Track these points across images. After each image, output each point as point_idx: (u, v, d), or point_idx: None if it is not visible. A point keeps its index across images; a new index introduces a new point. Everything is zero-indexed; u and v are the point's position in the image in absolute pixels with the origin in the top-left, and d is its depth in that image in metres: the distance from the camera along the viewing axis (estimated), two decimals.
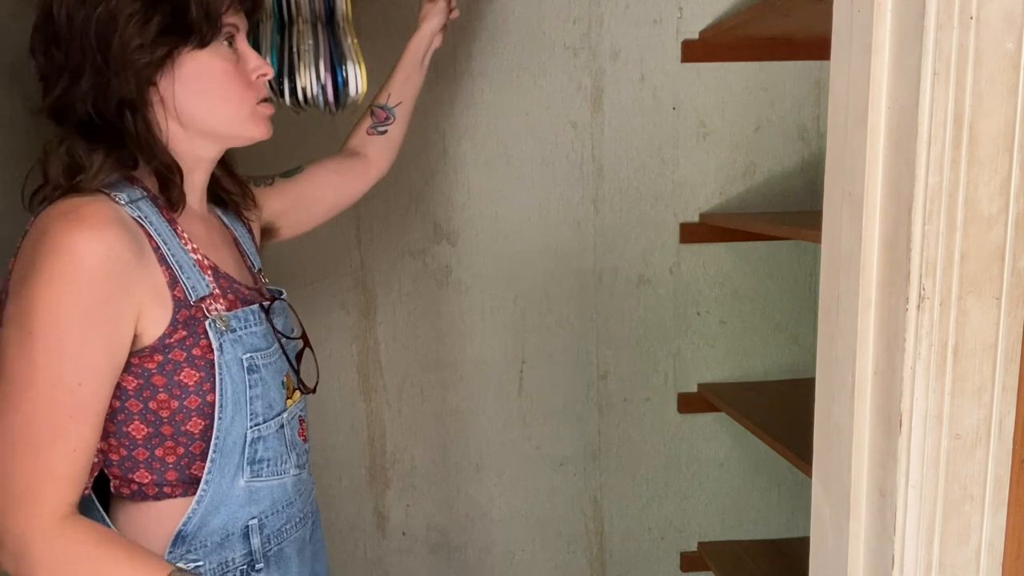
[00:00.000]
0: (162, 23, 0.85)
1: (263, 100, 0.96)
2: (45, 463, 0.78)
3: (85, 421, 0.81)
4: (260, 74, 0.95)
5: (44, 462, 0.78)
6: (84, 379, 0.80)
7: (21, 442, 0.78)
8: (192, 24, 0.87)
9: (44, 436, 0.78)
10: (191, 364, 0.87)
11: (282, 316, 1.02)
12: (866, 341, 0.70)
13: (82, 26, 0.84)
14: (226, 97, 0.92)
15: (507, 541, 1.89)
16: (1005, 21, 0.61)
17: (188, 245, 0.91)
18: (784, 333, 1.84)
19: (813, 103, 1.75)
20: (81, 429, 0.80)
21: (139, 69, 0.86)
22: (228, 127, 0.94)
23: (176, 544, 0.90)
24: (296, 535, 1.02)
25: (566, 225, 1.76)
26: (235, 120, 0.93)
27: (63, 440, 0.79)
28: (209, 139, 0.94)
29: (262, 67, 0.95)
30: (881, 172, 0.67)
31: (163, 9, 0.85)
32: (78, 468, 0.81)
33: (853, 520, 0.73)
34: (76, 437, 0.80)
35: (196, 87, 0.90)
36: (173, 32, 0.86)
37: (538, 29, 1.68)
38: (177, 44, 0.87)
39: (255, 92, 0.95)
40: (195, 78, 0.89)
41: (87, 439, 0.81)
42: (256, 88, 0.95)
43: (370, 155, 1.30)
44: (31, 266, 0.80)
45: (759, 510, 1.92)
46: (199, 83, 0.90)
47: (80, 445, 0.81)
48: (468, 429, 1.83)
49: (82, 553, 0.79)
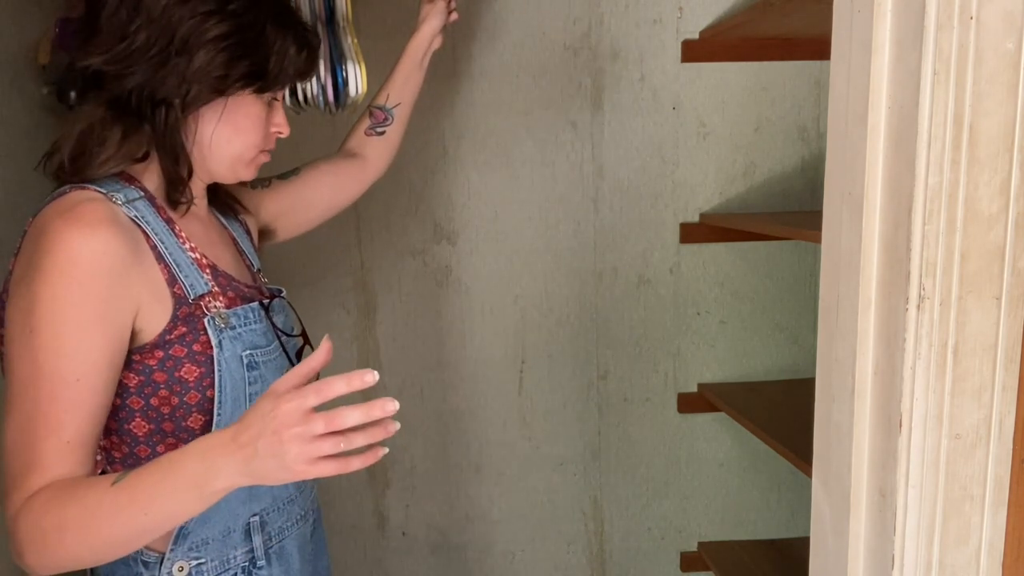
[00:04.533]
0: (245, 65, 0.88)
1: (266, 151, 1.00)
2: (38, 454, 0.79)
3: (82, 415, 0.81)
4: (277, 131, 0.99)
5: (37, 453, 0.79)
6: (82, 374, 0.80)
7: (20, 435, 0.79)
8: (268, 76, 0.91)
9: (41, 428, 0.79)
10: (192, 360, 0.88)
11: (282, 314, 1.03)
12: (866, 341, 0.70)
13: (174, 21, 0.85)
14: (243, 138, 0.94)
15: (507, 541, 1.89)
16: (1005, 21, 0.61)
17: (186, 244, 0.92)
18: (784, 333, 1.84)
19: (813, 103, 1.75)
20: (77, 423, 0.81)
21: (203, 90, 0.88)
22: (228, 162, 0.95)
23: (177, 541, 0.90)
24: (297, 532, 1.02)
25: (566, 225, 1.76)
26: (238, 160, 0.96)
27: (57, 432, 0.79)
28: (206, 165, 0.95)
29: (283, 126, 0.99)
30: (881, 172, 0.67)
31: (251, 54, 0.88)
32: (73, 461, 0.80)
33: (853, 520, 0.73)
34: (72, 430, 0.80)
35: (222, 118, 0.92)
36: (248, 76, 0.89)
37: (538, 29, 1.68)
38: (246, 87, 0.90)
39: (265, 142, 0.98)
40: (231, 111, 0.92)
41: (84, 433, 0.81)
42: (268, 140, 0.99)
43: (368, 156, 1.30)
44: (30, 266, 0.81)
45: (759, 510, 1.92)
46: (230, 117, 0.92)
47: (75, 438, 0.81)
48: (468, 429, 1.83)
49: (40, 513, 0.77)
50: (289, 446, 0.70)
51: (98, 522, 0.76)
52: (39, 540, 0.77)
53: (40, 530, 0.77)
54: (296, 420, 0.70)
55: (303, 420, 0.70)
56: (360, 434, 0.72)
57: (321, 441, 0.71)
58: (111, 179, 0.89)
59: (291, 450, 0.70)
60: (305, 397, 0.70)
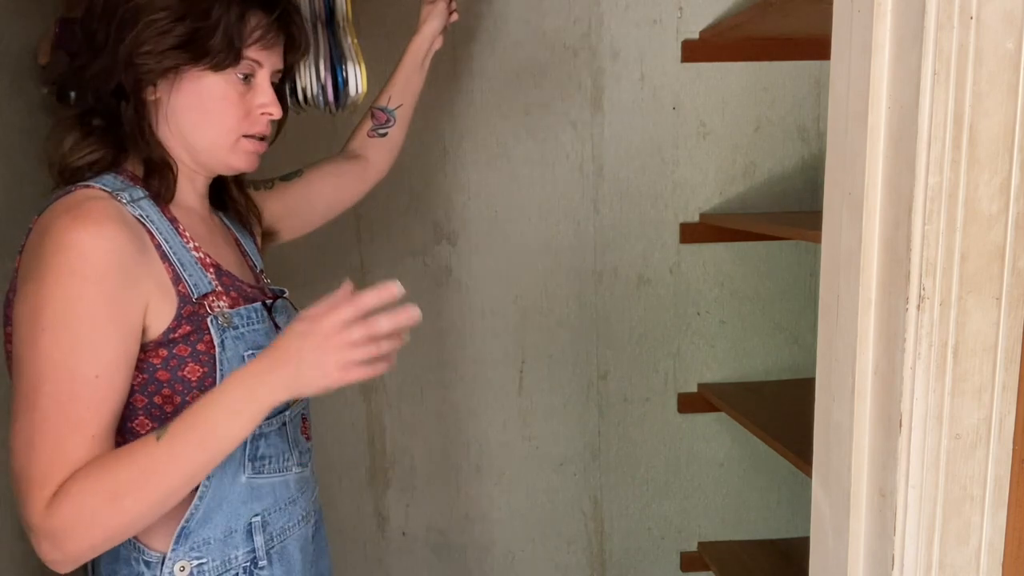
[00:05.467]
0: (180, 39, 0.87)
1: (258, 137, 0.96)
2: (63, 451, 0.79)
3: (103, 411, 0.82)
4: (263, 111, 0.95)
5: (62, 451, 0.79)
6: (100, 371, 0.81)
7: (39, 435, 0.79)
8: (210, 49, 0.89)
9: (64, 427, 0.79)
10: (195, 359, 0.88)
11: (284, 314, 1.03)
12: (866, 341, 0.70)
13: (112, 10, 0.87)
14: (213, 121, 0.93)
15: (507, 541, 1.89)
16: (1005, 21, 0.61)
17: (190, 243, 0.93)
18: (784, 333, 1.84)
19: (813, 103, 1.75)
20: (99, 418, 0.82)
21: (140, 72, 0.88)
22: (207, 150, 0.94)
23: (179, 541, 0.90)
24: (299, 533, 1.02)
25: (566, 225, 1.76)
26: (215, 146, 0.94)
27: (81, 430, 0.80)
28: (191, 155, 0.95)
29: (268, 106, 0.95)
30: (881, 172, 0.67)
31: (186, 27, 0.87)
32: (95, 453, 0.81)
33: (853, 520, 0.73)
34: (95, 425, 0.81)
35: (189, 103, 0.91)
36: (187, 50, 0.88)
37: (538, 29, 1.68)
38: (187, 62, 0.89)
39: (249, 125, 0.95)
40: (193, 94, 0.91)
41: (105, 428, 0.83)
42: (253, 122, 0.95)
43: (370, 157, 1.30)
44: (37, 264, 0.81)
45: (759, 510, 1.92)
46: (194, 100, 0.91)
47: (99, 432, 0.82)
48: (468, 429, 1.83)
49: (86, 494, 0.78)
50: (330, 355, 0.79)
51: (158, 476, 0.80)
52: (87, 520, 0.78)
53: (89, 509, 0.78)
54: (336, 330, 0.79)
55: (343, 329, 0.79)
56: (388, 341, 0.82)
57: (357, 348, 0.79)
58: (115, 178, 0.90)
59: (331, 358, 0.79)
60: (342, 310, 0.79)
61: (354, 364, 0.80)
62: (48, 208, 0.85)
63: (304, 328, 0.80)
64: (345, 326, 0.79)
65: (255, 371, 0.82)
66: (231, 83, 0.92)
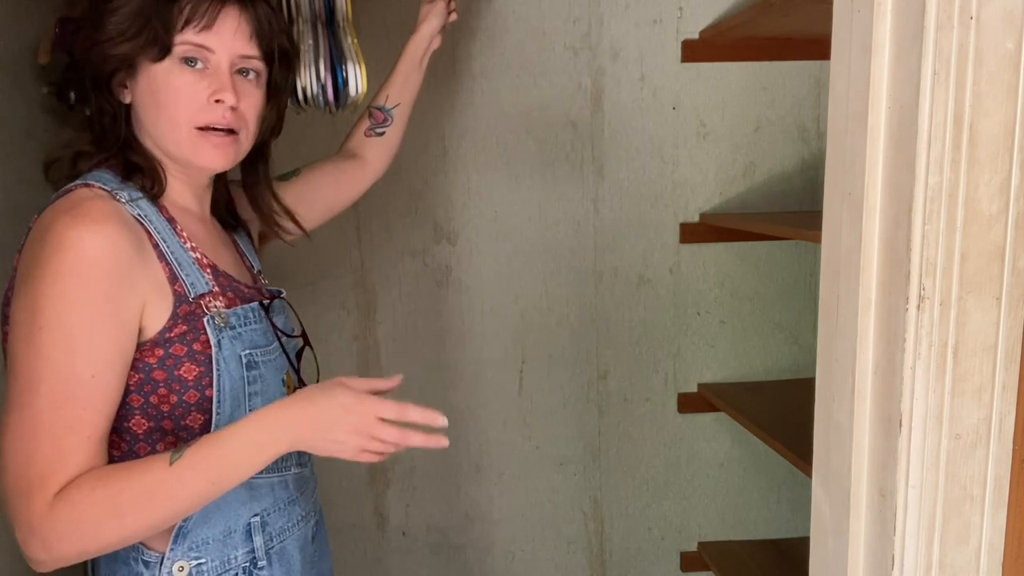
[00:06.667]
0: (114, 31, 0.89)
1: (223, 130, 0.92)
2: (61, 452, 0.79)
3: (99, 410, 0.82)
4: (215, 98, 0.90)
5: (60, 452, 0.79)
6: (97, 371, 0.81)
7: (36, 435, 0.79)
8: (137, 36, 0.89)
9: (60, 426, 0.79)
10: (191, 359, 0.88)
11: (282, 314, 1.03)
12: (866, 341, 0.70)
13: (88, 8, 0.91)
14: (165, 114, 0.91)
15: (507, 541, 1.89)
16: (1005, 21, 0.61)
17: (187, 244, 0.93)
18: (784, 333, 1.84)
19: (813, 103, 1.75)
20: (96, 418, 0.82)
21: (98, 63, 0.90)
22: (170, 146, 0.92)
23: (177, 541, 0.90)
24: (299, 533, 1.02)
25: (566, 225, 1.76)
26: (173, 140, 0.92)
27: (78, 430, 0.80)
28: (163, 153, 0.94)
29: (219, 92, 0.90)
30: (881, 172, 0.67)
31: (118, 17, 0.89)
32: (92, 454, 0.81)
33: (853, 520, 0.73)
34: (91, 425, 0.81)
35: (144, 98, 0.92)
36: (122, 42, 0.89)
37: (538, 29, 1.68)
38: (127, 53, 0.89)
39: (204, 116, 0.90)
40: (147, 89, 0.91)
41: (101, 427, 0.83)
42: (207, 111, 0.90)
43: (368, 157, 1.30)
44: (36, 263, 0.81)
45: (759, 510, 1.92)
46: (148, 96, 0.91)
47: (95, 433, 0.82)
48: (468, 429, 1.83)
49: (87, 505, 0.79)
50: (358, 438, 0.84)
51: (161, 500, 0.81)
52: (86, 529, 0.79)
53: (90, 520, 0.79)
54: (374, 422, 0.84)
55: (376, 425, 0.84)
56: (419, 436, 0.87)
57: (382, 444, 0.85)
58: (115, 178, 0.90)
59: (357, 441, 0.84)
60: (387, 408, 0.85)
61: (369, 452, 0.85)
62: (48, 207, 0.86)
63: (348, 403, 0.84)
64: (383, 423, 0.84)
65: (284, 420, 0.84)
66: (175, 72, 0.90)
